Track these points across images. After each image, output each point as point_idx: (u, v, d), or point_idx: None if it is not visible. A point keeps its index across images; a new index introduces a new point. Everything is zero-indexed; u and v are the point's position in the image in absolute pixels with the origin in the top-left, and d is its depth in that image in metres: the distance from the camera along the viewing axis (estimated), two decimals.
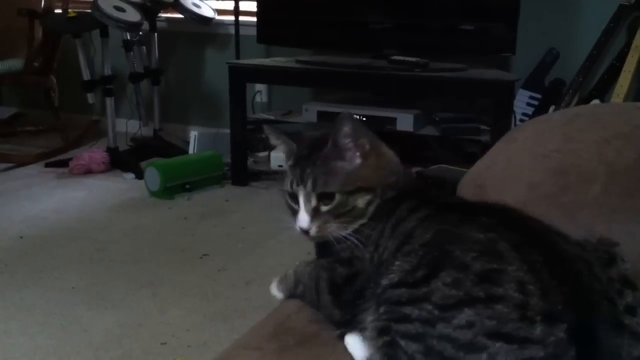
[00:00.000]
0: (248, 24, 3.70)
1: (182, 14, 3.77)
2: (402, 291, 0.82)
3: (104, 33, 3.54)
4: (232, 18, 3.77)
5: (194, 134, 3.60)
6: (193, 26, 3.91)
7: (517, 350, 0.73)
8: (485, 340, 0.74)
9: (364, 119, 3.12)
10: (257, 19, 3.46)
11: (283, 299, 1.12)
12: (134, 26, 3.44)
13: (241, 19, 3.75)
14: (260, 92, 3.94)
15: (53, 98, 3.96)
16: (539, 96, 3.22)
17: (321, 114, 3.20)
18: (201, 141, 3.56)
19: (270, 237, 2.55)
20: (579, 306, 0.77)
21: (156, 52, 3.86)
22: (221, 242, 2.61)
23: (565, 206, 1.12)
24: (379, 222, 0.97)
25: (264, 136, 3.63)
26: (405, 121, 3.06)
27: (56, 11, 3.88)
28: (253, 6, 3.60)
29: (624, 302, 0.83)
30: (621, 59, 2.95)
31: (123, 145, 3.73)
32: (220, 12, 3.96)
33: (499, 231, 0.84)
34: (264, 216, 2.81)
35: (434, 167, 3.03)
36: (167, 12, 4.00)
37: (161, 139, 3.88)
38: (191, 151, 3.56)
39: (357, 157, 0.99)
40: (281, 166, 2.99)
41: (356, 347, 0.95)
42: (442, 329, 0.77)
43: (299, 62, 3.27)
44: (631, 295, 0.84)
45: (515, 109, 3.06)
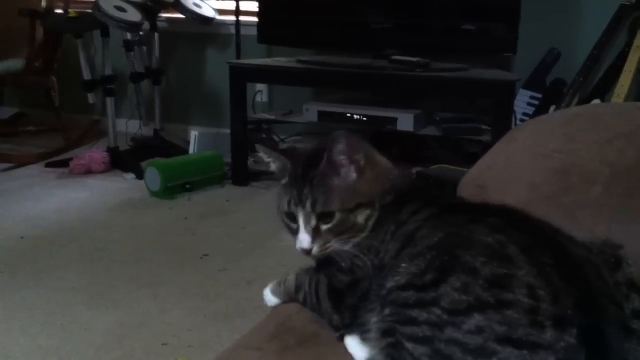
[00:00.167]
0: (249, 24, 3.70)
1: (182, 13, 3.78)
2: (409, 294, 0.82)
3: (105, 33, 3.54)
4: (232, 18, 3.77)
5: (194, 134, 3.60)
6: (194, 26, 3.92)
7: (527, 355, 0.73)
8: (495, 345, 0.74)
9: (365, 119, 3.12)
10: (257, 18, 3.46)
11: (278, 304, 1.11)
12: (134, 26, 3.44)
13: (242, 18, 3.75)
14: (260, 92, 3.94)
15: (54, 98, 3.96)
16: (539, 96, 3.22)
17: (322, 114, 3.20)
18: (202, 141, 3.56)
19: (270, 237, 2.55)
20: (588, 310, 0.77)
21: (157, 52, 3.87)
22: (222, 242, 2.61)
23: (566, 206, 1.12)
24: (379, 231, 0.97)
25: (264, 136, 3.63)
26: (405, 121, 3.05)
27: (57, 11, 3.88)
28: (254, 6, 3.61)
29: (630, 306, 0.83)
30: (622, 58, 2.95)
31: (123, 145, 3.73)
32: (221, 12, 3.96)
33: (507, 233, 0.84)
34: (264, 216, 2.80)
35: (434, 167, 3.02)
36: (168, 12, 4.00)
37: (162, 138, 3.88)
38: (191, 151, 3.56)
39: (353, 172, 0.99)
40: None
41: (356, 348, 0.95)
42: (451, 333, 0.76)
43: (299, 62, 3.27)
44: (638, 300, 0.84)
45: (515, 108, 3.06)
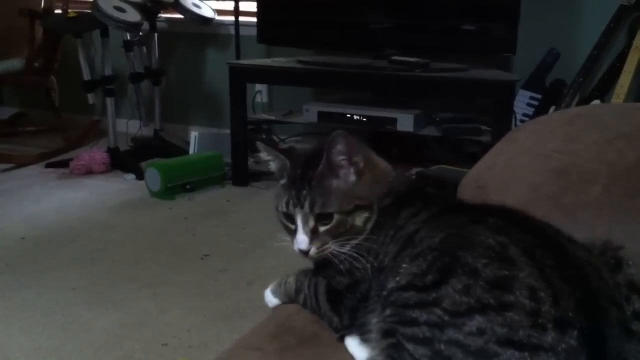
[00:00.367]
0: (248, 24, 3.70)
1: (182, 14, 3.78)
2: (410, 294, 0.82)
3: (105, 33, 3.54)
4: (232, 18, 3.77)
5: (194, 134, 3.60)
6: (193, 26, 3.92)
7: (528, 357, 0.73)
8: (497, 347, 0.74)
9: (365, 120, 3.12)
10: (257, 19, 3.46)
11: (279, 304, 1.12)
12: (134, 26, 3.44)
13: (241, 19, 3.75)
14: (260, 92, 3.94)
15: (54, 98, 3.96)
16: (539, 96, 3.22)
17: (322, 114, 3.20)
18: (202, 141, 3.56)
19: (270, 238, 2.52)
20: (589, 312, 0.77)
21: (156, 53, 3.87)
22: (222, 243, 2.61)
23: (566, 207, 1.12)
24: (378, 234, 0.97)
25: (264, 137, 3.63)
26: (405, 121, 3.05)
27: (56, 11, 3.89)
28: (253, 6, 3.61)
29: (631, 307, 0.83)
30: (622, 59, 2.95)
31: (123, 145, 3.73)
32: (221, 12, 3.96)
33: (508, 234, 0.84)
34: (264, 216, 2.77)
35: (434, 167, 3.02)
36: (167, 13, 4.00)
37: (162, 139, 3.88)
38: (192, 151, 3.56)
39: (352, 174, 0.99)
40: None
41: (357, 348, 0.95)
42: (452, 334, 0.76)
43: (299, 62, 3.27)
44: (638, 301, 0.84)
45: (515, 109, 3.06)
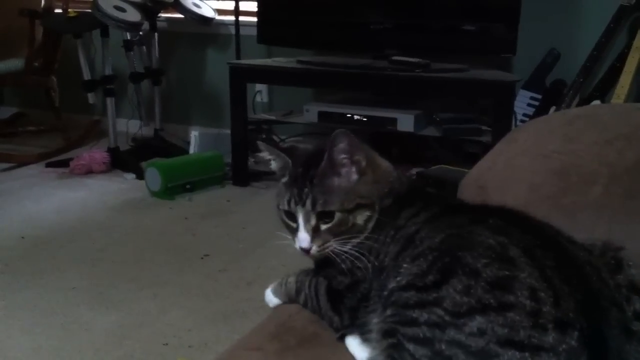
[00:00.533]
0: (248, 24, 3.70)
1: (182, 14, 3.78)
2: (411, 294, 0.82)
3: (105, 33, 3.54)
4: (232, 18, 3.77)
5: (194, 134, 3.60)
6: (193, 26, 3.92)
7: (528, 358, 0.73)
8: (497, 348, 0.74)
9: (365, 120, 3.12)
10: (257, 19, 3.46)
11: (279, 304, 1.12)
12: (134, 26, 3.44)
13: (241, 19, 3.75)
14: (260, 92, 3.94)
15: (54, 98, 3.96)
16: (539, 97, 3.22)
17: (322, 115, 3.20)
18: (202, 141, 3.56)
19: (271, 238, 2.52)
20: (589, 313, 0.77)
21: (157, 52, 3.87)
22: (222, 243, 2.61)
23: (566, 207, 1.12)
24: (379, 234, 0.97)
25: (264, 137, 3.63)
26: (406, 122, 3.05)
27: (56, 11, 3.89)
28: (253, 6, 3.61)
29: (631, 308, 0.84)
30: (622, 59, 2.95)
31: (124, 145, 3.73)
32: (221, 12, 3.96)
33: (509, 235, 0.84)
34: (264, 216, 2.78)
35: (434, 167, 3.02)
36: (168, 12, 4.00)
37: (162, 139, 3.88)
38: (192, 151, 3.56)
39: (354, 173, 0.99)
40: None
41: (357, 348, 0.95)
42: (453, 334, 0.76)
43: (299, 62, 3.27)
44: (638, 302, 0.84)
45: (516, 109, 3.06)
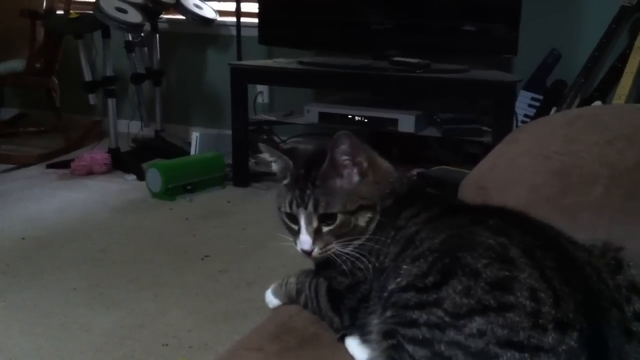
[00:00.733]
0: (249, 25, 3.70)
1: (183, 15, 3.78)
2: (410, 295, 0.82)
3: (106, 34, 3.54)
4: (233, 19, 3.77)
5: (195, 135, 3.60)
6: (194, 27, 3.92)
7: (528, 358, 0.73)
8: (497, 349, 0.74)
9: (366, 120, 3.12)
10: (258, 20, 3.46)
11: (279, 305, 1.12)
12: (135, 27, 3.44)
13: (243, 20, 3.75)
14: (261, 93, 3.94)
15: (55, 99, 3.96)
16: (540, 97, 3.22)
17: (322, 115, 3.20)
18: (203, 142, 3.56)
19: (271, 238, 2.52)
20: (589, 313, 0.77)
21: (158, 53, 3.87)
22: (222, 243, 2.61)
23: (566, 208, 1.12)
24: (380, 234, 0.97)
25: (265, 137, 3.63)
26: (406, 122, 3.05)
27: (58, 12, 3.89)
28: (254, 7, 3.60)
29: (631, 308, 0.84)
30: (623, 60, 2.95)
31: (125, 146, 3.73)
32: (222, 13, 3.96)
33: (509, 235, 0.84)
34: (265, 217, 2.79)
35: (435, 168, 3.02)
36: (169, 13, 4.00)
37: (163, 139, 3.88)
38: (193, 152, 3.56)
39: (356, 174, 0.99)
40: None
41: (357, 349, 0.95)
42: (453, 335, 0.76)
43: (300, 63, 3.27)
44: (638, 302, 0.84)
45: (516, 110, 3.06)
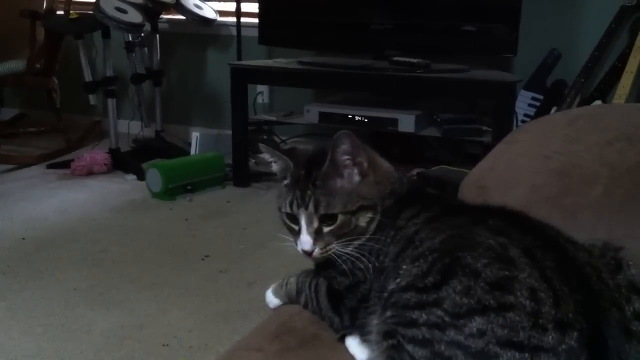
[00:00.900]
0: (250, 25, 3.70)
1: (183, 15, 3.78)
2: (410, 295, 0.82)
3: (106, 34, 3.54)
4: (233, 19, 3.77)
5: (195, 135, 3.60)
6: (195, 27, 3.92)
7: (528, 358, 0.73)
8: (497, 349, 0.74)
9: (366, 120, 3.12)
10: (258, 20, 3.46)
11: (280, 305, 1.12)
12: (135, 27, 3.44)
13: (243, 20, 3.75)
14: (261, 93, 3.94)
15: (55, 99, 3.96)
16: (540, 97, 3.22)
17: (322, 115, 3.20)
18: (203, 142, 3.56)
19: (271, 238, 2.53)
20: (589, 313, 0.77)
21: (158, 54, 3.87)
22: (223, 243, 2.61)
23: (566, 208, 1.12)
24: (380, 234, 0.97)
25: (265, 137, 3.63)
26: (406, 122, 3.05)
27: (58, 12, 3.89)
28: (255, 7, 3.61)
29: (631, 308, 0.83)
30: (623, 60, 2.95)
31: (125, 146, 3.73)
32: (222, 13, 3.96)
33: (509, 235, 0.84)
34: (265, 217, 2.80)
35: (435, 168, 3.03)
36: (169, 14, 4.00)
37: (163, 140, 3.88)
38: (193, 152, 3.56)
39: (356, 174, 0.99)
40: None
41: (357, 349, 0.95)
42: (453, 335, 0.76)
43: (300, 63, 3.27)
44: (638, 302, 0.84)
45: (517, 110, 3.06)
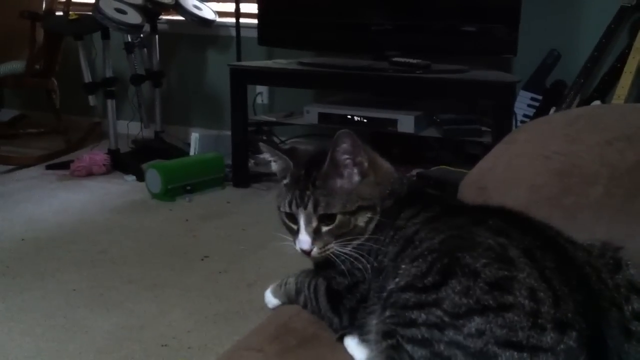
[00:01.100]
0: (249, 26, 3.70)
1: (183, 16, 3.78)
2: (409, 295, 0.82)
3: (105, 35, 3.54)
4: (233, 20, 3.77)
5: (195, 136, 3.60)
6: (194, 28, 3.92)
7: (527, 358, 0.73)
8: (496, 349, 0.74)
9: (366, 121, 3.12)
10: (258, 20, 3.46)
11: (279, 305, 1.12)
12: (135, 28, 3.44)
13: (242, 20, 3.75)
14: (261, 93, 3.94)
15: (54, 100, 3.96)
16: (540, 97, 3.22)
17: (322, 116, 3.20)
18: (202, 143, 3.56)
19: (271, 239, 2.52)
20: (589, 313, 0.77)
21: (157, 54, 3.87)
22: (222, 244, 2.61)
23: (566, 208, 1.12)
24: (380, 235, 0.97)
25: (264, 138, 3.64)
26: (406, 123, 3.05)
27: (57, 13, 3.89)
28: (254, 8, 3.61)
29: (630, 308, 0.84)
30: (622, 60, 2.95)
31: (124, 147, 3.74)
32: (222, 14, 3.96)
33: (508, 236, 0.84)
34: (265, 218, 2.80)
35: (435, 168, 3.03)
36: (168, 14, 4.00)
37: (162, 140, 3.88)
38: (192, 153, 3.56)
39: (356, 174, 0.99)
40: None
41: (356, 349, 0.95)
42: (452, 335, 0.76)
43: (300, 64, 3.27)
44: (637, 302, 0.84)
45: (516, 110, 3.06)
